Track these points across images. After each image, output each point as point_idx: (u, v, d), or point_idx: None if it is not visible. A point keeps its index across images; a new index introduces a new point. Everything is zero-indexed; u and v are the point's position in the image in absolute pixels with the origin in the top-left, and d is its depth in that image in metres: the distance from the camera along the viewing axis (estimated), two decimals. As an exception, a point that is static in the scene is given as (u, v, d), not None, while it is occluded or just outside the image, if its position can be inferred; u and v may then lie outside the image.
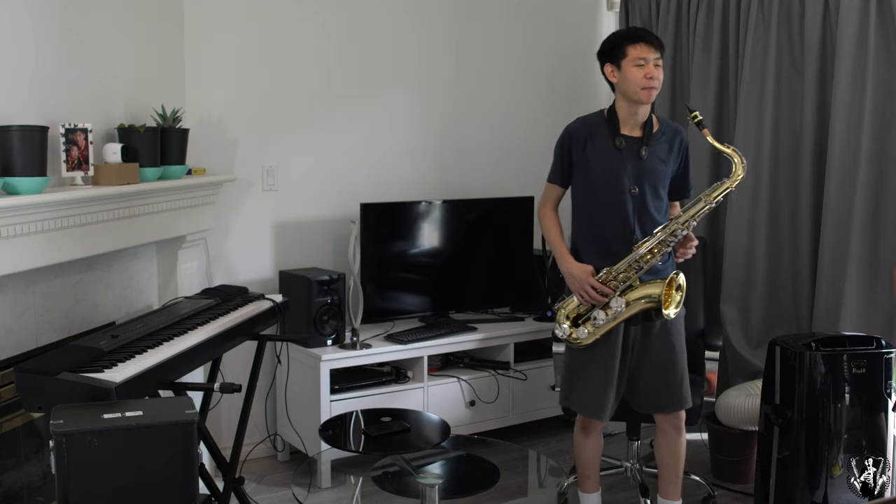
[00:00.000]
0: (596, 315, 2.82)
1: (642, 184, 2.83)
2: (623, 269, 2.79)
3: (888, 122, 3.47)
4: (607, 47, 2.84)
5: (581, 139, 2.89)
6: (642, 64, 2.75)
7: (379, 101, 4.19)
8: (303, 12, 3.94)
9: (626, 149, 2.84)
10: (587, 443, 3.08)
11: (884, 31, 3.45)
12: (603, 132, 2.87)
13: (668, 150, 2.89)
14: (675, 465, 3.04)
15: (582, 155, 2.88)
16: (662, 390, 2.93)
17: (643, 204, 2.84)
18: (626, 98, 2.82)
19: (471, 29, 4.42)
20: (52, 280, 2.83)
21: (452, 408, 3.92)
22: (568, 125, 2.97)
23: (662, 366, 2.91)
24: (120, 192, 2.86)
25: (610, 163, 2.84)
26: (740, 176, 2.78)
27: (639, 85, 2.75)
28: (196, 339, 2.60)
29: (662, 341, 2.90)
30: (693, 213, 2.77)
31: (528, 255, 4.35)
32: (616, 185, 2.83)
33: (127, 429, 1.97)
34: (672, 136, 2.91)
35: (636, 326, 2.88)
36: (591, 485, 3.14)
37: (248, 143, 3.87)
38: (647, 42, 2.76)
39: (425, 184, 4.34)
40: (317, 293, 3.69)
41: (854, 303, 3.52)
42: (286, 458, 3.95)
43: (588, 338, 2.84)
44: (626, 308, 2.78)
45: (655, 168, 2.85)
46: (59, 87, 2.77)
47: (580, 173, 2.91)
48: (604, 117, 2.90)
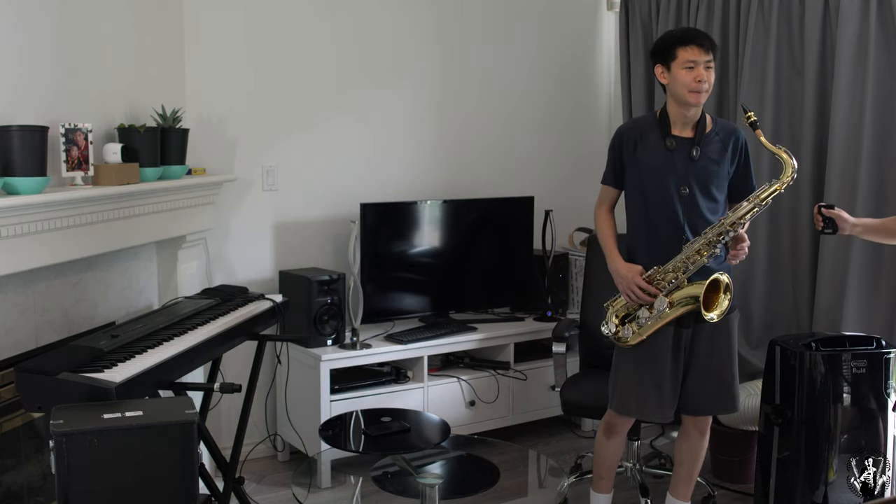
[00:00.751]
0: (640, 314, 2.80)
1: (693, 184, 2.80)
2: (671, 269, 2.77)
3: (888, 122, 3.47)
4: (659, 48, 2.81)
5: (632, 140, 2.87)
6: (692, 66, 2.72)
7: (379, 101, 4.19)
8: (303, 12, 3.94)
9: (677, 149, 2.81)
10: (609, 445, 3.07)
11: (884, 31, 3.45)
12: (654, 133, 2.85)
13: (723, 150, 2.85)
14: (691, 466, 3.04)
15: (633, 156, 2.87)
16: (714, 392, 2.91)
17: (694, 204, 2.80)
18: (675, 99, 2.80)
19: (471, 29, 4.42)
20: (52, 280, 2.83)
21: (452, 408, 3.92)
22: (619, 127, 2.97)
23: (714, 368, 2.88)
24: (120, 192, 2.86)
25: (660, 163, 2.82)
26: (791, 178, 2.73)
27: (687, 87, 2.73)
28: (196, 339, 2.61)
29: (715, 342, 2.87)
30: (740, 215, 2.73)
31: (528, 255, 4.35)
32: (666, 185, 2.81)
33: (127, 429, 1.98)
34: (727, 135, 2.87)
35: (688, 329, 2.85)
36: (604, 486, 3.14)
37: (248, 143, 3.87)
38: (699, 44, 2.72)
39: (425, 184, 4.34)
40: (317, 293, 3.69)
41: (854, 303, 3.52)
42: (286, 458, 3.95)
43: (633, 337, 2.82)
44: (669, 309, 2.75)
45: (707, 168, 2.82)
46: (60, 87, 2.77)
47: (632, 174, 2.89)
48: (656, 118, 2.88)
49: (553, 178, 4.70)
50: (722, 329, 2.86)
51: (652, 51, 2.87)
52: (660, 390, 2.87)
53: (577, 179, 4.74)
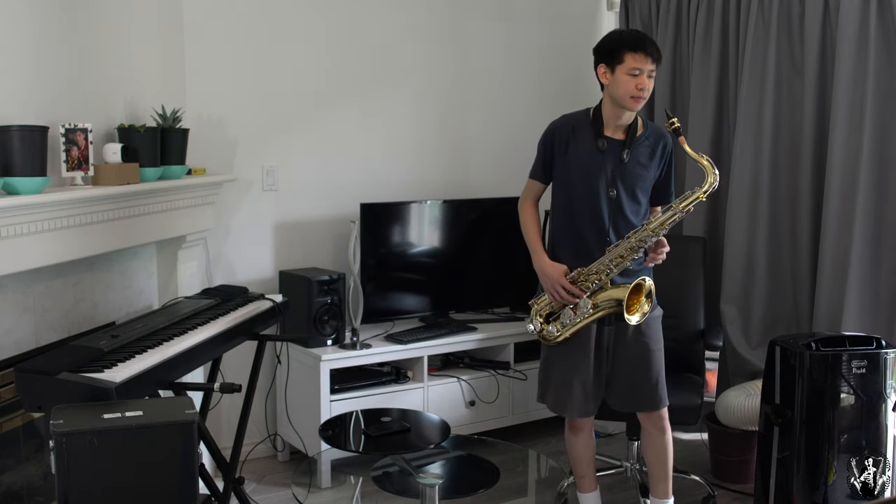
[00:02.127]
0: (563, 314, 2.85)
1: (620, 187, 2.83)
2: (595, 270, 2.81)
3: (888, 122, 3.47)
4: (606, 48, 2.82)
5: (564, 137, 2.90)
6: (636, 74, 2.73)
7: (379, 101, 4.19)
8: (303, 13, 3.94)
9: (608, 150, 2.84)
10: (576, 441, 3.09)
11: (884, 31, 3.45)
12: (586, 132, 2.87)
13: (651, 154, 2.88)
14: (661, 464, 3.04)
15: (563, 153, 2.89)
16: (637, 390, 2.94)
17: (619, 207, 2.84)
18: (613, 101, 2.82)
19: (471, 29, 4.42)
20: (52, 280, 2.83)
21: (452, 408, 3.93)
22: (552, 122, 2.98)
23: (636, 366, 2.92)
24: (120, 192, 2.86)
25: (590, 163, 2.84)
26: (713, 186, 2.76)
27: (628, 94, 2.74)
28: (196, 339, 2.61)
29: (636, 341, 2.91)
30: (662, 221, 2.77)
31: (527, 255, 4.33)
32: (594, 186, 2.84)
33: (127, 429, 1.98)
34: (656, 140, 2.89)
35: (610, 327, 2.89)
36: (587, 484, 3.14)
37: (248, 143, 3.87)
38: (647, 53, 2.73)
39: (425, 184, 4.34)
40: (317, 293, 3.69)
41: (854, 303, 3.52)
42: (286, 458, 3.95)
43: (558, 336, 2.87)
44: (592, 310, 2.80)
45: (635, 172, 2.85)
46: (59, 87, 2.77)
47: (560, 171, 2.92)
48: (589, 117, 2.90)
49: (553, 178, 4.70)
50: (644, 328, 2.88)
51: (597, 48, 2.86)
52: (583, 387, 2.91)
53: (577, 179, 4.74)
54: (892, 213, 3.49)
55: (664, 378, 2.96)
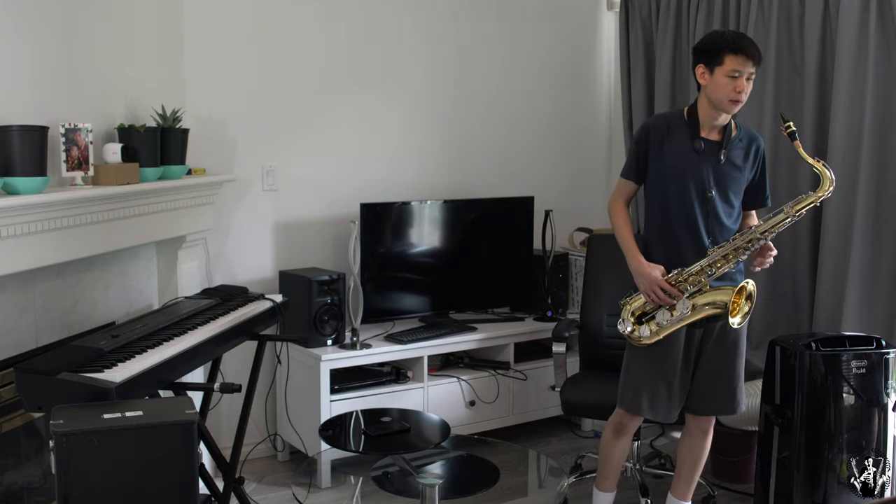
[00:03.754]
0: (661, 315, 2.79)
1: (715, 189, 2.79)
2: (695, 272, 2.76)
3: (888, 122, 3.47)
4: (707, 48, 2.75)
5: (659, 137, 2.83)
6: (736, 76, 2.67)
7: (379, 101, 4.19)
8: (303, 13, 3.94)
9: (704, 151, 2.79)
10: (616, 444, 3.06)
11: (884, 31, 3.45)
12: (682, 132, 2.82)
13: (745, 156, 2.84)
14: (693, 466, 3.05)
15: (659, 153, 2.83)
16: (718, 394, 2.91)
17: (714, 208, 2.79)
18: (710, 103, 2.76)
19: (471, 29, 4.42)
20: (52, 280, 2.83)
21: (452, 408, 3.92)
22: (647, 121, 2.94)
23: (721, 370, 2.89)
24: (120, 192, 2.86)
25: (687, 164, 2.79)
26: (828, 192, 2.71)
27: (727, 97, 2.70)
28: (196, 339, 2.61)
29: (723, 345, 2.88)
30: (773, 224, 2.72)
31: (528, 255, 4.35)
32: (690, 187, 2.78)
33: (127, 429, 1.98)
34: (749, 142, 2.85)
35: (700, 329, 2.85)
36: (609, 485, 3.14)
37: (248, 143, 3.87)
38: (748, 56, 2.67)
39: (425, 184, 4.34)
40: (317, 293, 3.69)
41: (854, 303, 3.52)
42: (286, 458, 3.95)
43: (650, 337, 2.82)
44: (691, 312, 2.75)
45: (730, 174, 2.81)
46: (59, 87, 2.77)
47: (656, 171, 2.85)
48: (683, 117, 2.84)
49: (553, 178, 4.70)
50: (732, 331, 2.86)
51: (698, 48, 2.80)
52: (670, 390, 2.87)
53: (577, 179, 4.75)
54: (892, 213, 3.49)
55: (743, 382, 2.96)
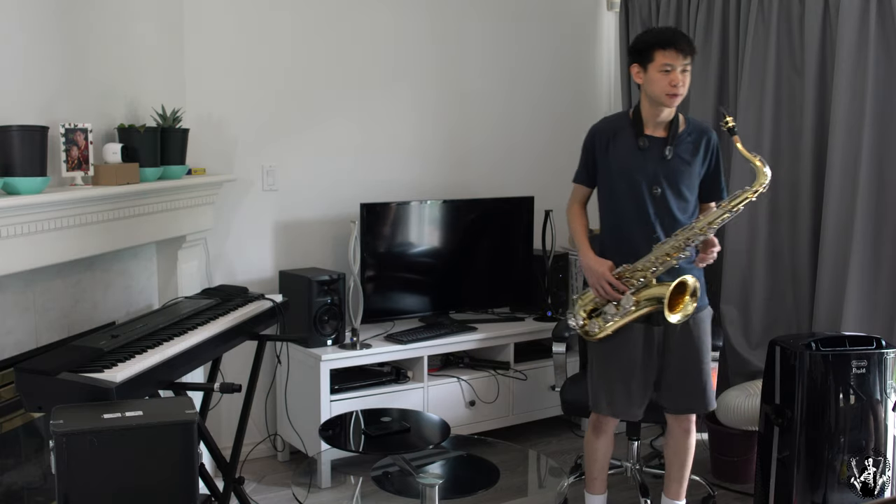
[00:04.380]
0: (606, 310, 2.83)
1: (665, 184, 2.82)
2: (640, 267, 2.80)
3: (888, 122, 3.47)
4: (637, 48, 2.81)
5: (604, 139, 2.89)
6: (669, 70, 2.72)
7: (379, 101, 4.19)
8: (302, 13, 3.94)
9: (650, 149, 2.83)
10: (597, 444, 3.08)
11: (884, 31, 3.45)
12: (627, 132, 2.86)
13: (695, 150, 2.86)
14: (680, 465, 3.05)
15: (605, 155, 2.88)
16: (687, 391, 2.92)
17: (665, 204, 2.82)
18: (650, 100, 2.81)
19: (471, 29, 4.42)
20: (52, 280, 2.83)
21: (452, 408, 3.92)
22: (593, 125, 2.98)
23: (686, 367, 2.90)
24: (120, 192, 2.86)
25: (632, 163, 2.83)
26: (763, 186, 2.74)
27: (664, 91, 2.74)
28: (196, 339, 2.60)
29: (685, 342, 2.89)
30: (710, 220, 2.74)
31: (528, 255, 4.35)
32: (638, 184, 2.82)
33: (127, 429, 1.98)
34: (699, 136, 2.88)
35: (659, 327, 2.87)
36: (598, 486, 3.14)
37: (248, 143, 3.87)
38: (677, 48, 2.71)
39: (425, 184, 4.34)
40: (317, 293, 3.69)
41: (855, 303, 3.52)
42: (286, 458, 3.95)
43: (599, 332, 2.85)
44: (635, 307, 2.78)
45: (679, 168, 2.83)
46: (59, 87, 2.77)
47: (604, 173, 2.91)
48: (629, 117, 2.89)
49: (553, 178, 4.69)
50: (693, 328, 2.88)
51: (630, 49, 2.86)
52: (628, 389, 2.90)
53: (577, 179, 4.74)
54: (892, 213, 3.49)
55: (711, 379, 2.95)
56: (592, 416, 3.05)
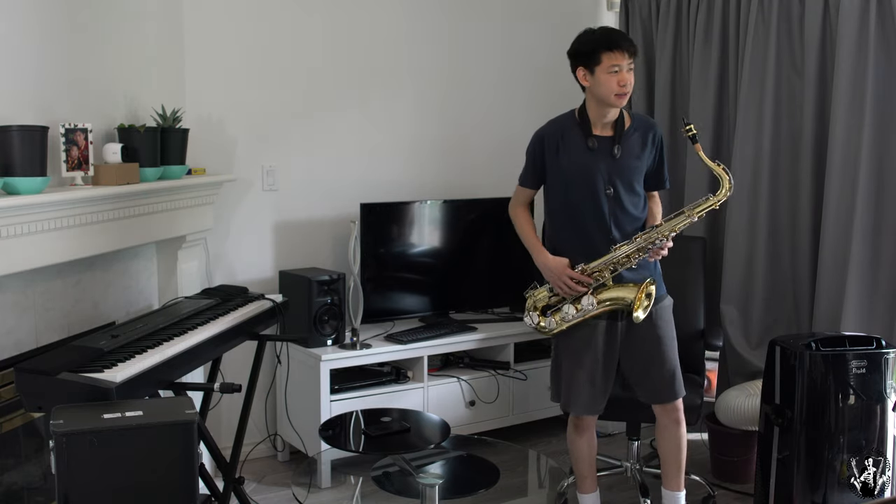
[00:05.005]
0: (566, 309, 2.85)
1: (617, 182, 2.86)
2: (598, 268, 2.83)
3: (888, 122, 3.47)
4: (581, 50, 2.83)
5: (553, 142, 2.91)
6: (616, 71, 2.75)
7: (379, 101, 4.19)
8: (302, 13, 3.94)
9: (599, 149, 2.86)
10: (580, 442, 3.09)
11: (884, 31, 3.45)
12: (575, 133, 2.89)
13: (642, 145, 2.91)
14: (675, 457, 3.06)
15: (555, 158, 2.91)
16: (654, 383, 2.96)
17: (619, 202, 2.86)
18: (597, 101, 2.84)
19: (471, 29, 4.42)
20: (52, 280, 2.83)
21: (452, 408, 3.92)
22: (539, 129, 2.99)
23: (650, 358, 2.94)
24: (120, 192, 2.86)
25: (583, 164, 2.86)
26: (727, 194, 2.80)
27: (612, 91, 2.77)
28: (196, 339, 2.60)
29: (648, 334, 2.92)
30: (674, 225, 2.79)
31: (527, 255, 4.32)
32: (591, 186, 2.85)
33: (127, 429, 1.98)
34: (645, 130, 2.92)
35: (622, 322, 2.90)
36: (588, 485, 3.14)
37: (248, 143, 3.87)
38: (622, 49, 2.75)
39: (425, 184, 4.34)
40: (317, 293, 3.69)
41: (854, 303, 3.52)
42: (286, 458, 3.95)
43: (556, 328, 2.89)
44: (596, 307, 2.82)
45: (629, 165, 2.88)
46: (59, 87, 2.77)
47: (554, 176, 2.93)
48: (575, 119, 2.92)
49: (553, 178, 4.70)
50: (656, 319, 2.91)
51: (573, 52, 2.87)
52: (592, 384, 2.92)
53: (577, 179, 4.74)
54: (891, 213, 3.49)
55: (679, 368, 2.98)
56: (571, 417, 3.07)
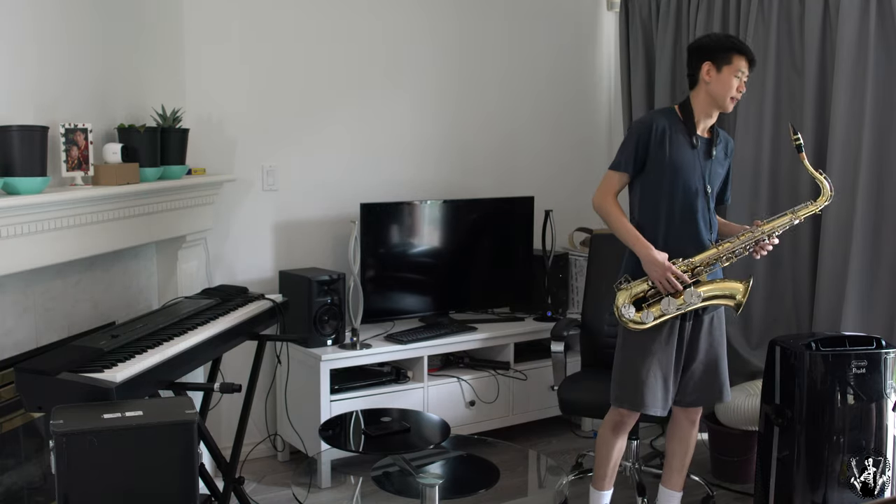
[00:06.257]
0: (667, 303, 2.84)
1: (710, 184, 2.91)
2: (699, 262, 2.85)
3: (888, 122, 3.47)
4: (715, 47, 2.86)
5: (660, 132, 2.88)
6: (740, 76, 2.83)
7: (379, 100, 4.19)
8: (303, 13, 3.94)
9: (700, 149, 2.90)
10: (615, 442, 3.07)
11: (884, 31, 3.45)
12: (680, 129, 2.90)
13: (725, 155, 3.00)
14: (683, 456, 3.10)
15: (660, 149, 2.87)
16: (709, 384, 2.98)
17: (709, 204, 2.91)
18: (710, 100, 2.87)
19: (471, 29, 4.42)
20: (52, 280, 2.83)
21: (452, 408, 3.92)
22: (647, 115, 2.99)
23: (711, 361, 2.97)
24: (120, 192, 2.86)
25: (688, 160, 2.88)
26: (826, 202, 2.89)
27: (729, 94, 2.84)
28: (196, 339, 2.61)
29: (710, 337, 2.96)
30: (777, 224, 2.87)
31: (528, 255, 4.35)
32: (692, 183, 2.87)
33: (127, 429, 1.98)
34: (726, 142, 3.02)
35: (689, 322, 2.92)
36: (608, 483, 3.15)
37: (248, 143, 3.87)
38: (749, 59, 2.84)
39: (425, 184, 4.34)
40: (317, 293, 3.69)
41: (854, 303, 3.52)
42: (286, 458, 3.95)
43: (651, 322, 2.85)
44: (701, 300, 2.83)
45: (717, 171, 2.95)
46: (59, 87, 2.77)
47: (656, 167, 2.89)
48: (677, 115, 2.92)
49: (553, 178, 4.71)
50: (716, 323, 2.98)
51: (704, 46, 2.90)
52: (666, 384, 2.92)
53: (577, 179, 4.74)
54: (891, 213, 3.49)
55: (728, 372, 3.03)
56: (615, 416, 3.02)
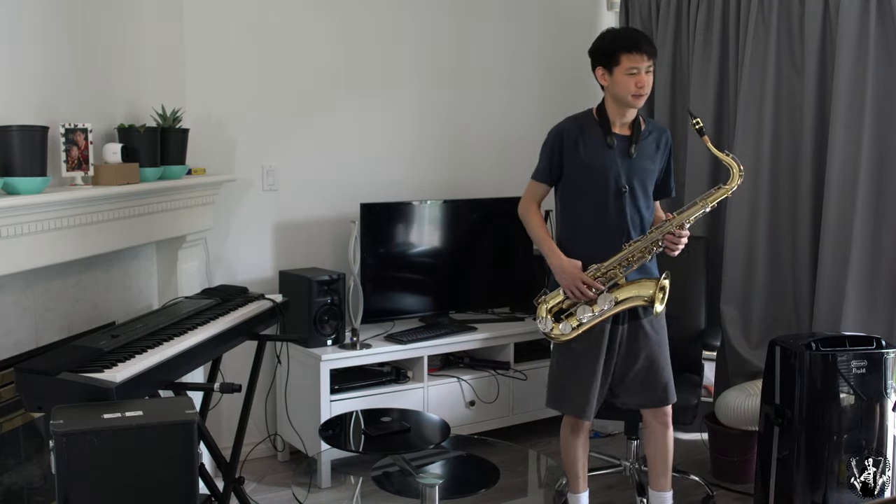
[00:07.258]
0: (582, 311, 2.84)
1: (633, 182, 2.87)
2: (613, 266, 2.83)
3: (888, 122, 3.47)
4: (602, 50, 2.86)
5: (572, 138, 2.91)
6: (635, 73, 2.77)
7: (379, 100, 4.19)
8: (303, 12, 3.94)
9: (617, 147, 2.88)
10: (577, 443, 3.09)
11: (884, 31, 3.45)
12: (594, 131, 2.90)
13: (655, 148, 2.94)
14: (663, 458, 3.06)
15: (574, 153, 2.91)
16: (652, 388, 2.96)
17: (633, 201, 2.88)
18: (615, 101, 2.86)
19: (471, 28, 4.42)
20: (52, 280, 2.83)
21: (452, 408, 3.92)
22: (558, 124, 2.99)
23: (650, 363, 2.94)
24: (120, 192, 2.86)
25: (603, 161, 2.87)
26: (737, 183, 2.82)
27: (629, 93, 2.79)
28: (196, 339, 2.60)
29: (647, 339, 2.93)
30: (688, 215, 2.81)
31: (528, 255, 4.35)
32: (609, 183, 2.86)
33: (127, 429, 1.98)
34: (658, 134, 2.96)
35: (624, 325, 2.90)
36: (582, 485, 3.15)
37: (248, 143, 3.87)
38: (641, 52, 2.77)
39: (425, 184, 4.34)
40: (317, 293, 3.69)
41: (854, 303, 3.52)
42: (286, 458, 3.95)
43: (571, 333, 2.87)
44: (615, 306, 2.82)
45: (644, 166, 2.90)
46: (59, 87, 2.77)
47: (572, 172, 2.93)
48: (593, 116, 2.93)
49: (553, 178, 4.70)
50: (658, 325, 2.95)
51: (593, 50, 2.89)
52: (593, 389, 2.93)
53: (577, 179, 4.74)
54: (891, 213, 3.49)
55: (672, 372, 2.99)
56: (567, 417, 3.06)
